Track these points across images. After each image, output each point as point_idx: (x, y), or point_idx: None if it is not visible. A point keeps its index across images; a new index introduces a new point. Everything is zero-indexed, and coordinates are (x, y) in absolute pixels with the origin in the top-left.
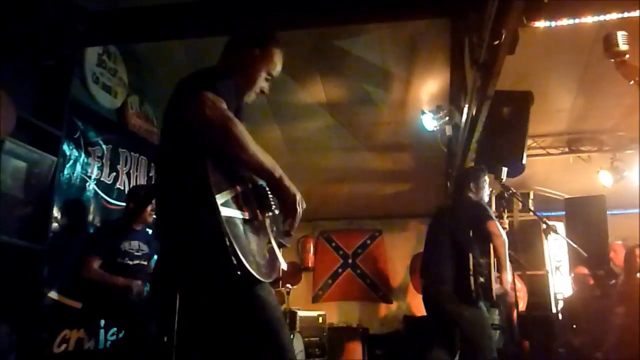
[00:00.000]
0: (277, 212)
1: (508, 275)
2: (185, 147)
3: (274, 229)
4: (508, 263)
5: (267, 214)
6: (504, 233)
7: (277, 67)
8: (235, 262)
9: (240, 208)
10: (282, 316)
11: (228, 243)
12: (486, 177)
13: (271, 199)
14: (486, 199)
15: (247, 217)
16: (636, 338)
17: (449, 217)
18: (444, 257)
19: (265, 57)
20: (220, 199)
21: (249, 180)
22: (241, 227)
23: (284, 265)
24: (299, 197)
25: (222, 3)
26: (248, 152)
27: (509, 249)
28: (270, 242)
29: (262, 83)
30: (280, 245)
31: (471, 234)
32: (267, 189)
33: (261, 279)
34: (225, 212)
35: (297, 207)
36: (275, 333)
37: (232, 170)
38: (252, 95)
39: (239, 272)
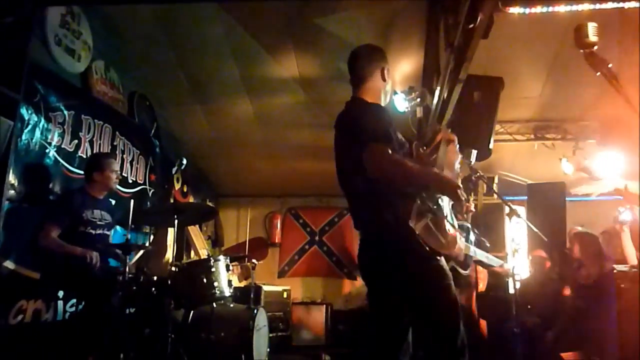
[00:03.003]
0: (444, 205)
1: None
2: (370, 183)
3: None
4: None
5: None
6: None
7: None
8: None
9: (422, 215)
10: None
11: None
12: None
13: (435, 204)
14: None
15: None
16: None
17: None
18: None
19: (389, 66)
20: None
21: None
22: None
23: (462, 245)
24: (458, 188)
25: None
26: (416, 180)
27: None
28: (452, 225)
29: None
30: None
31: None
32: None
33: (440, 254)
34: (412, 222)
35: (459, 195)
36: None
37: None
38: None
39: (430, 255)
